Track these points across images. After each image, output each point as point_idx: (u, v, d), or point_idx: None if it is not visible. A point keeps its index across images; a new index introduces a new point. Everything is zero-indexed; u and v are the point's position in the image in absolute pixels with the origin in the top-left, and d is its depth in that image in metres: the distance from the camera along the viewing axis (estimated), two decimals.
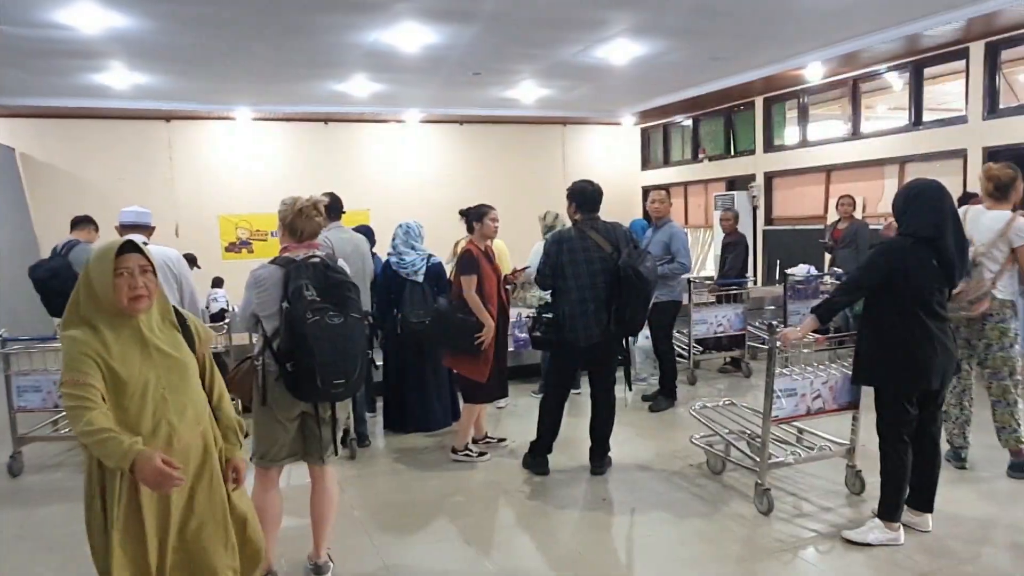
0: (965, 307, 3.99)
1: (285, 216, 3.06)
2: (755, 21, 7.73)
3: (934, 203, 3.25)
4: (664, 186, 8.49)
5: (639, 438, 5.26)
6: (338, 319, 2.82)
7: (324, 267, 2.94)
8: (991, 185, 4.11)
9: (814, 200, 10.95)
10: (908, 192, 3.38)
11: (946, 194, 3.30)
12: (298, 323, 2.77)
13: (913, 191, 3.37)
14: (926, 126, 9.28)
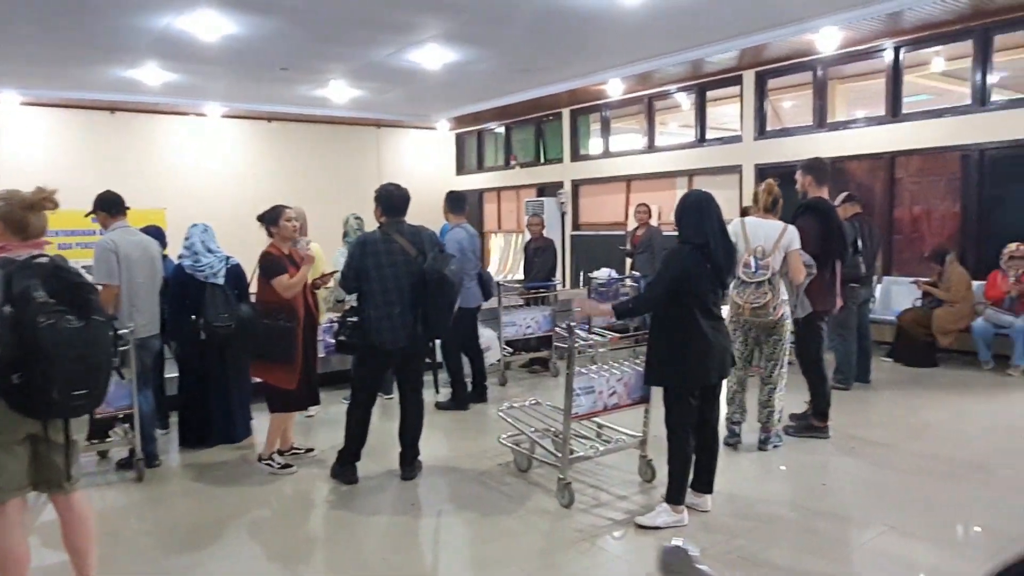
0: (768, 313, 4.52)
1: (5, 212, 2.68)
2: (560, 37, 8.13)
3: (704, 212, 3.59)
4: (479, 191, 8.66)
5: (449, 440, 5.31)
6: (78, 323, 2.51)
7: (55, 267, 2.59)
8: (770, 199, 4.68)
9: (616, 207, 11.72)
10: (683, 203, 3.69)
11: (714, 204, 3.66)
12: (28, 327, 2.41)
13: (687, 202, 3.69)
14: (709, 143, 10.28)
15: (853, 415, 5.63)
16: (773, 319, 4.56)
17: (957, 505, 4.02)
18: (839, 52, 8.46)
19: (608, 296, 7.33)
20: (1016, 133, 7.24)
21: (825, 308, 5.05)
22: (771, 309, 4.49)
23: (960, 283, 7.12)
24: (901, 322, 7.43)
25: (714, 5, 7.01)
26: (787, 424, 5.15)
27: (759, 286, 4.48)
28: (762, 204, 4.76)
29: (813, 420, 5.15)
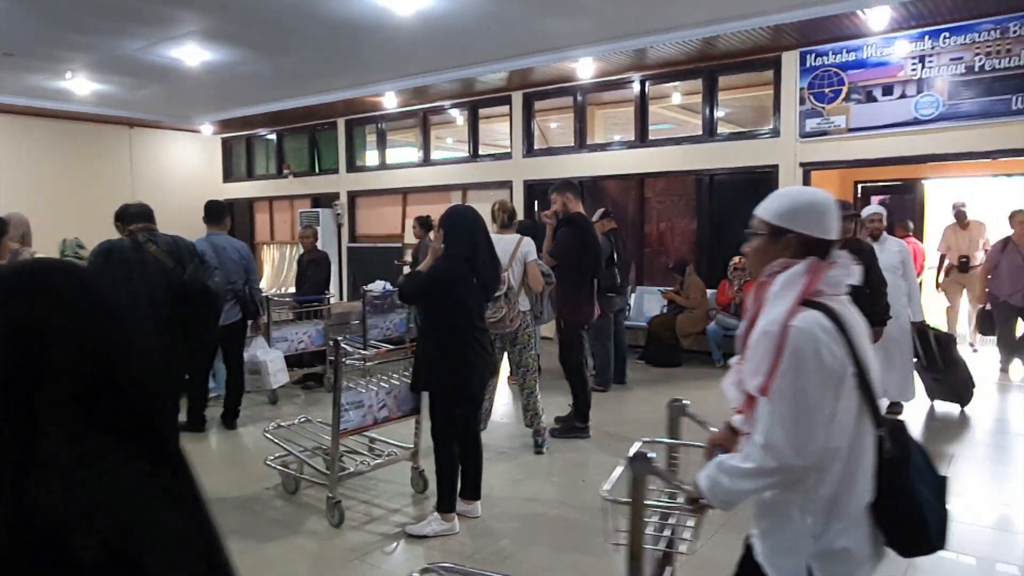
0: (506, 326, 4.72)
1: None
2: (332, 45, 7.96)
3: (469, 227, 3.71)
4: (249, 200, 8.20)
5: (211, 467, 4.94)
6: None
7: None
8: (506, 216, 4.97)
9: (393, 219, 11.71)
10: (449, 218, 3.77)
11: (479, 219, 3.80)
12: None
13: (452, 217, 3.77)
14: (482, 159, 10.66)
15: (611, 414, 6.12)
16: (511, 330, 4.81)
17: None
18: (596, 80, 9.21)
19: (383, 309, 7.30)
20: (737, 161, 8.39)
21: (584, 317, 5.46)
22: (508, 322, 4.73)
23: (697, 291, 8.07)
24: (651, 327, 8.25)
25: (484, 28, 7.30)
26: (552, 427, 5.48)
27: (495, 301, 4.71)
28: (499, 221, 5.03)
29: (575, 422, 5.52)
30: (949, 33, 6.96)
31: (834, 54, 7.60)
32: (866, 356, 1.62)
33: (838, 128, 7.64)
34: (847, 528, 1.62)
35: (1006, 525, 3.93)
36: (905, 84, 7.25)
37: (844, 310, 1.64)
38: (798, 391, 1.55)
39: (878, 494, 1.63)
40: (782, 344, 1.56)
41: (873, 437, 1.64)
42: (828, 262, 1.66)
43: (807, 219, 1.67)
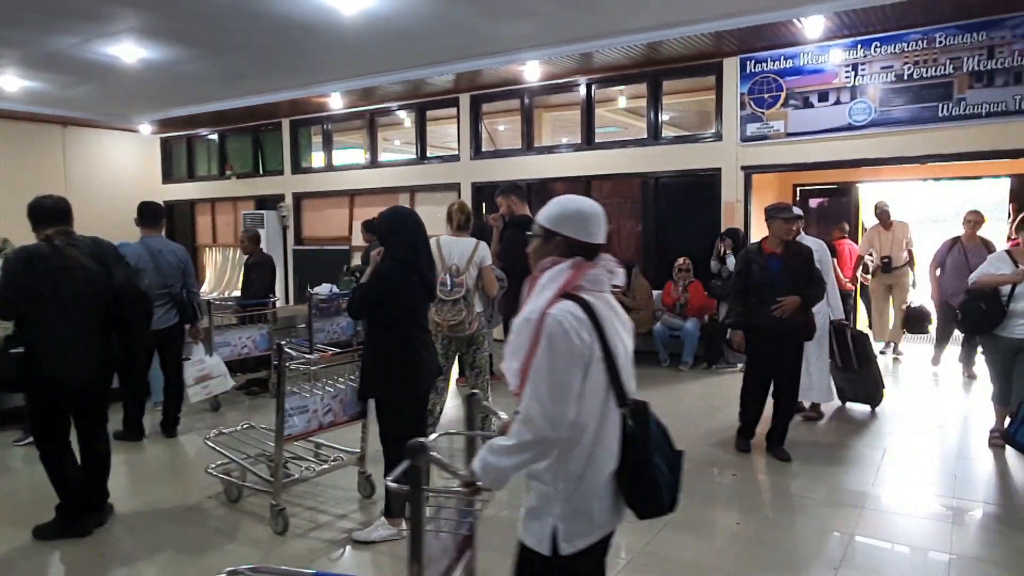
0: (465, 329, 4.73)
1: None
2: (275, 45, 7.83)
3: (409, 228, 3.68)
4: (190, 202, 7.98)
5: (151, 477, 4.80)
6: None
7: None
8: (463, 217, 4.95)
9: (340, 222, 11.57)
10: (391, 220, 3.69)
11: (419, 221, 3.75)
12: None
13: (392, 219, 3.70)
14: (430, 161, 10.62)
15: None
16: (470, 333, 4.83)
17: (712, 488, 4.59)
18: (543, 83, 9.27)
19: (330, 312, 7.19)
20: (681, 164, 8.55)
21: None
22: (467, 324, 4.76)
23: (643, 292, 8.19)
24: None
25: (431, 29, 7.28)
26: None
27: (455, 304, 4.72)
28: (456, 222, 5.01)
29: None
30: (880, 42, 7.24)
31: (772, 61, 7.82)
32: (616, 344, 1.86)
33: (777, 133, 7.86)
34: (592, 493, 1.86)
35: (936, 516, 4.10)
36: (840, 91, 7.51)
37: (601, 304, 1.88)
38: (552, 370, 1.76)
39: (621, 464, 1.87)
40: (539, 330, 1.78)
41: (618, 415, 1.87)
42: (592, 263, 1.90)
43: (573, 224, 1.91)
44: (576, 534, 1.86)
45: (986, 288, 4.82)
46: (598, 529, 1.90)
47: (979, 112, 6.84)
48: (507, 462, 1.84)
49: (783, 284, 4.77)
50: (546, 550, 1.87)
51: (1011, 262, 4.82)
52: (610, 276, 1.93)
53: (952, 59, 6.92)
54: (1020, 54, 6.63)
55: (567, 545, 1.85)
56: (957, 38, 6.88)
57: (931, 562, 3.55)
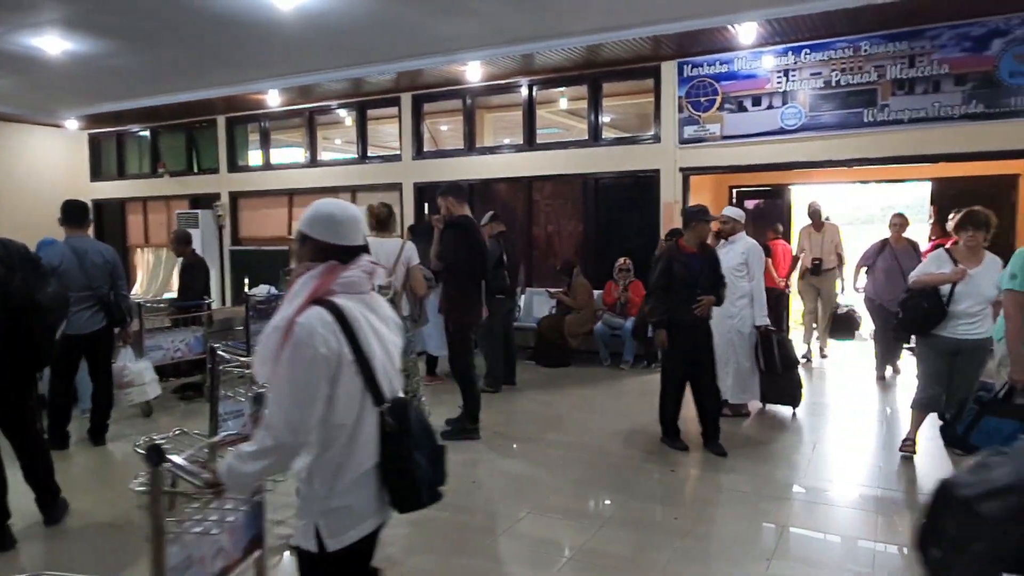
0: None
1: None
2: (208, 39, 7.62)
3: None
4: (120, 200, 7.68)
5: (77, 487, 4.60)
6: None
7: None
8: (375, 220, 4.91)
9: (278, 222, 11.33)
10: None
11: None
12: None
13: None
14: (371, 160, 10.51)
15: (501, 414, 6.19)
16: None
17: (586, 483, 4.65)
18: (485, 84, 9.28)
19: (268, 314, 7.03)
20: (621, 166, 8.68)
21: (472, 319, 5.48)
22: None
23: (584, 292, 8.28)
24: (540, 328, 8.39)
25: (370, 27, 7.20)
26: (442, 429, 5.47)
27: None
28: (377, 223, 4.96)
29: (466, 423, 5.53)
30: (809, 50, 7.50)
31: (708, 65, 8.01)
32: (371, 346, 1.88)
33: (713, 135, 8.05)
34: (350, 489, 1.89)
35: (865, 505, 4.26)
36: (772, 96, 7.74)
37: (357, 306, 1.90)
38: (293, 378, 1.78)
39: (381, 460, 1.91)
40: (286, 337, 1.79)
41: (376, 414, 1.90)
42: (346, 265, 1.92)
43: (322, 228, 1.95)
44: (339, 530, 1.89)
45: (927, 287, 4.75)
46: (363, 523, 1.94)
47: (901, 118, 7.15)
48: (249, 467, 1.87)
49: (704, 283, 5.02)
50: (313, 547, 1.89)
51: (951, 261, 4.78)
52: (369, 277, 1.96)
53: (876, 67, 7.21)
54: (938, 63, 6.95)
55: (332, 541, 1.88)
56: (880, 47, 7.17)
57: (859, 550, 3.69)
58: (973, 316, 4.62)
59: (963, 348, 4.68)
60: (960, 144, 6.94)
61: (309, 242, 1.96)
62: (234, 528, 2.46)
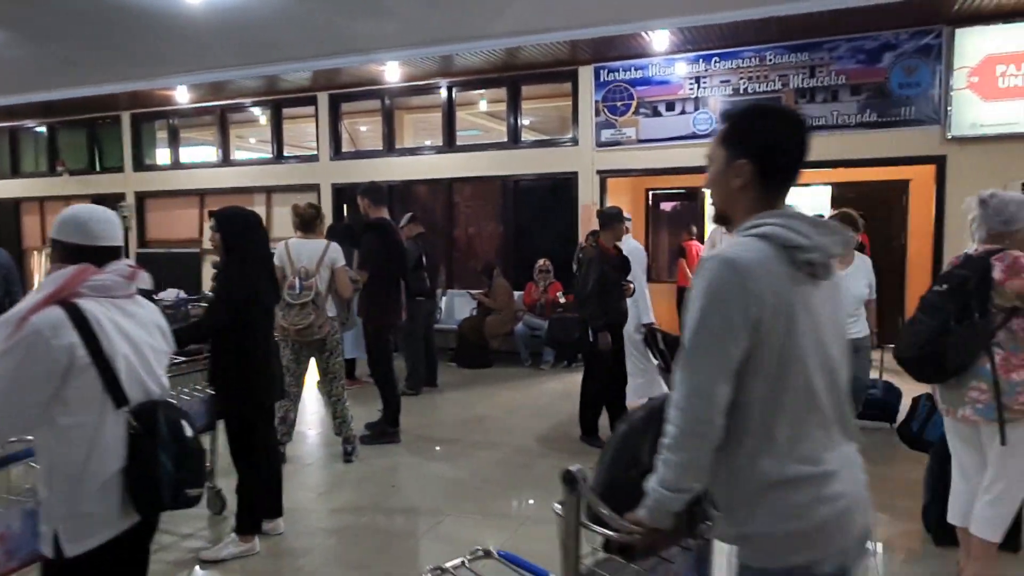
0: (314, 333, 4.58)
1: None
2: (109, 31, 7.27)
3: (256, 230, 3.54)
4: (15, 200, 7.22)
5: None
6: None
7: None
8: (299, 220, 4.80)
9: (189, 223, 10.90)
10: (245, 223, 3.53)
11: (261, 222, 3.62)
12: None
13: (245, 217, 3.55)
14: (287, 160, 10.25)
15: (423, 417, 6.15)
16: (320, 337, 4.68)
17: (508, 483, 4.68)
18: (404, 85, 9.20)
19: (177, 319, 6.75)
20: (540, 168, 8.78)
21: (391, 321, 5.43)
22: (316, 328, 4.59)
23: (504, 293, 8.33)
24: (461, 330, 8.39)
25: (284, 24, 7.03)
26: (362, 433, 5.39)
27: (303, 307, 4.56)
28: (303, 224, 4.85)
29: (386, 426, 5.47)
30: (719, 58, 7.78)
31: (624, 71, 8.20)
32: (113, 349, 1.84)
33: (629, 139, 8.25)
34: (92, 494, 1.84)
35: None
36: (685, 102, 7.99)
37: (106, 309, 1.86)
38: (7, 372, 1.74)
39: (127, 463, 1.88)
40: (14, 332, 1.75)
41: (122, 416, 1.87)
42: (99, 268, 1.90)
43: (70, 230, 1.94)
44: (79, 535, 1.84)
45: None
46: (106, 528, 1.88)
47: None
48: None
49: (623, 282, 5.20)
50: (50, 553, 1.86)
51: None
52: (127, 281, 1.94)
53: (780, 76, 7.55)
54: (837, 74, 7.34)
55: (72, 546, 1.84)
56: (784, 57, 7.52)
57: None
58: (848, 317, 4.63)
59: None
60: (856, 150, 7.34)
61: (58, 245, 1.95)
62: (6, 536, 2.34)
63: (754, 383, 1.45)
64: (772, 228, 1.49)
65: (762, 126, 1.59)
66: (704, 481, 1.52)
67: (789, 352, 1.45)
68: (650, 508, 1.52)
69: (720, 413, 1.45)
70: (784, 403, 1.46)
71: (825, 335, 1.51)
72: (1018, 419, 2.85)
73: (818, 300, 1.50)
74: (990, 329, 2.86)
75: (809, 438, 1.47)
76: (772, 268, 1.45)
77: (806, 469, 1.46)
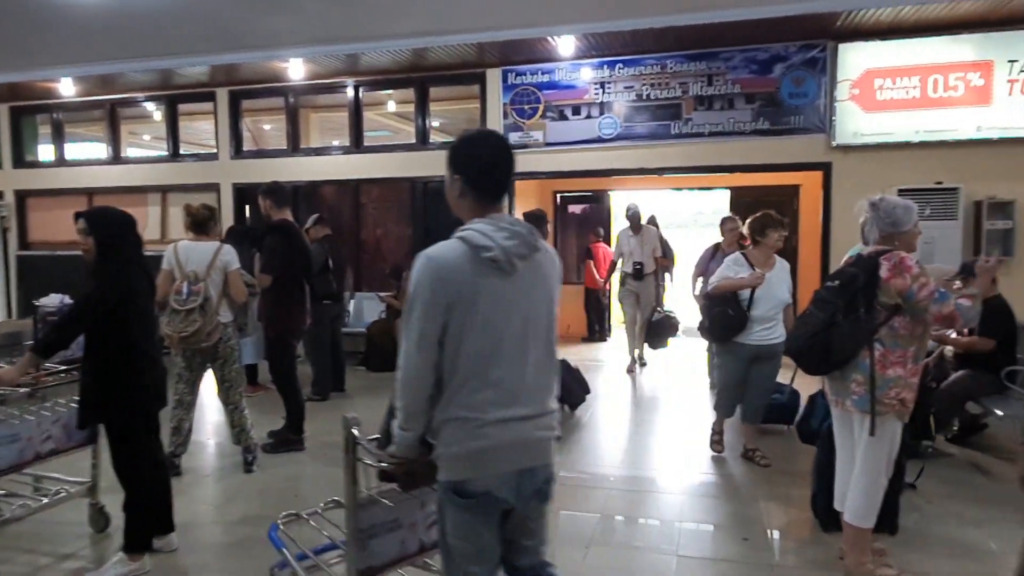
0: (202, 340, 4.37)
1: None
2: None
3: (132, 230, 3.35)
4: None
5: None
6: None
7: None
8: (191, 220, 4.60)
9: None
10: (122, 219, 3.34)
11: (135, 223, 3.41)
12: None
13: (119, 218, 3.35)
14: (184, 159, 9.81)
15: (329, 423, 5.97)
16: (210, 344, 4.47)
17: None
18: (309, 83, 8.98)
19: None
20: None
21: (295, 326, 5.28)
22: (204, 335, 4.39)
23: None
24: (370, 333, 8.25)
25: (180, 15, 6.70)
26: (264, 441, 5.21)
27: (189, 314, 4.36)
28: (195, 225, 4.63)
29: (289, 434, 5.31)
30: (623, 65, 7.97)
31: (532, 74, 8.28)
32: None
33: (537, 142, 8.33)
34: None
35: (670, 490, 4.59)
36: (590, 106, 8.14)
37: None
38: None
39: None
40: None
41: None
42: None
43: None
44: None
45: (727, 293, 4.70)
46: None
47: (702, 131, 7.79)
48: None
49: None
50: None
51: (748, 265, 4.73)
52: None
53: (680, 84, 7.81)
54: (732, 83, 7.66)
55: None
56: (683, 66, 7.78)
57: (669, 531, 3.96)
58: (769, 321, 4.70)
59: (762, 354, 4.72)
60: (751, 156, 7.69)
61: None
62: None
63: (447, 349, 1.92)
64: (468, 233, 1.95)
65: (469, 150, 2.05)
66: (422, 421, 1.99)
67: (468, 329, 1.90)
68: (396, 443, 2.04)
69: (427, 370, 1.92)
70: (459, 366, 1.92)
71: (511, 317, 1.95)
72: (888, 413, 3.05)
73: (507, 289, 1.94)
74: (873, 325, 3.04)
75: (477, 392, 1.93)
76: (462, 264, 1.91)
77: (464, 413, 1.93)
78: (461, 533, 1.98)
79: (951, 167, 7.10)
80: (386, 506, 2.42)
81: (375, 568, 2.44)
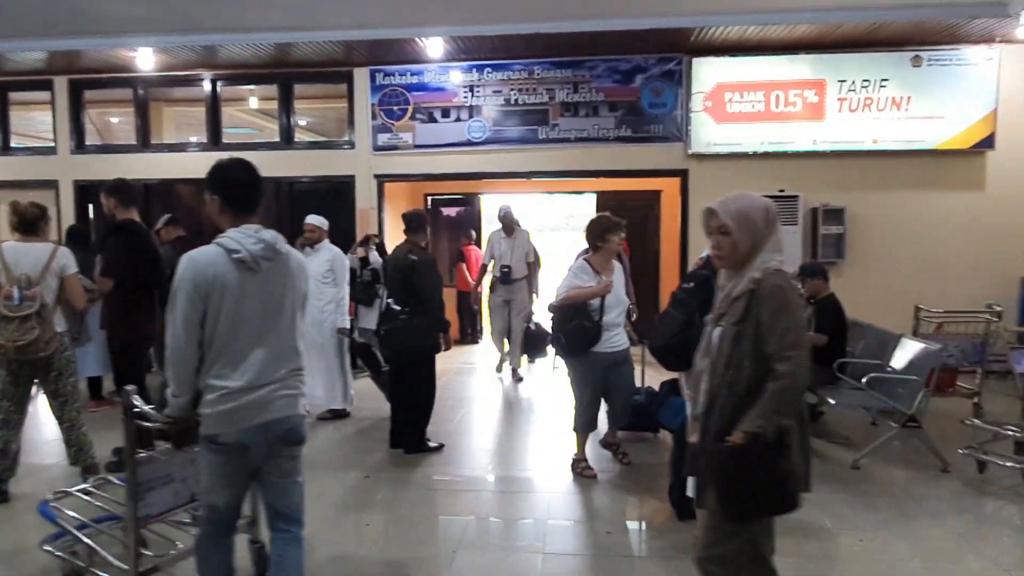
0: (39, 350, 3.99)
1: None
2: None
3: None
4: None
5: None
6: None
7: None
8: (17, 220, 4.18)
9: None
10: None
11: None
12: None
13: None
14: (16, 152, 8.94)
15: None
16: (46, 355, 4.12)
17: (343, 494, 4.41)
18: (161, 74, 8.43)
19: None
20: (316, 170, 8.50)
21: (143, 334, 4.92)
22: (42, 344, 4.04)
23: None
24: None
25: None
26: (109, 460, 4.82)
27: (24, 320, 3.99)
28: (21, 224, 4.22)
29: None
30: (491, 69, 8.07)
31: (400, 75, 8.21)
32: None
33: (406, 144, 8.27)
34: None
35: (538, 490, 4.67)
36: (460, 109, 8.18)
37: None
38: None
39: None
40: None
41: None
42: None
43: None
44: None
45: (577, 303, 4.51)
46: None
47: (569, 137, 8.03)
48: None
49: None
50: None
51: (593, 272, 4.57)
52: None
53: (547, 90, 8.01)
54: (597, 91, 7.94)
55: None
56: (550, 72, 7.98)
57: (535, 529, 4.03)
58: (618, 326, 4.64)
59: (617, 360, 4.64)
60: (615, 162, 8.00)
61: None
62: None
63: (205, 330, 2.38)
64: (223, 239, 2.42)
65: (223, 174, 2.52)
66: (190, 388, 2.45)
67: (220, 314, 2.38)
68: (170, 406, 2.50)
69: (191, 347, 2.38)
70: (214, 342, 2.40)
71: (256, 306, 2.44)
72: None
73: (253, 283, 2.43)
74: None
75: (226, 365, 2.42)
76: (217, 263, 2.38)
77: (216, 382, 2.42)
78: (212, 471, 2.51)
79: (792, 176, 7.71)
80: (160, 461, 2.90)
81: (151, 516, 2.92)
